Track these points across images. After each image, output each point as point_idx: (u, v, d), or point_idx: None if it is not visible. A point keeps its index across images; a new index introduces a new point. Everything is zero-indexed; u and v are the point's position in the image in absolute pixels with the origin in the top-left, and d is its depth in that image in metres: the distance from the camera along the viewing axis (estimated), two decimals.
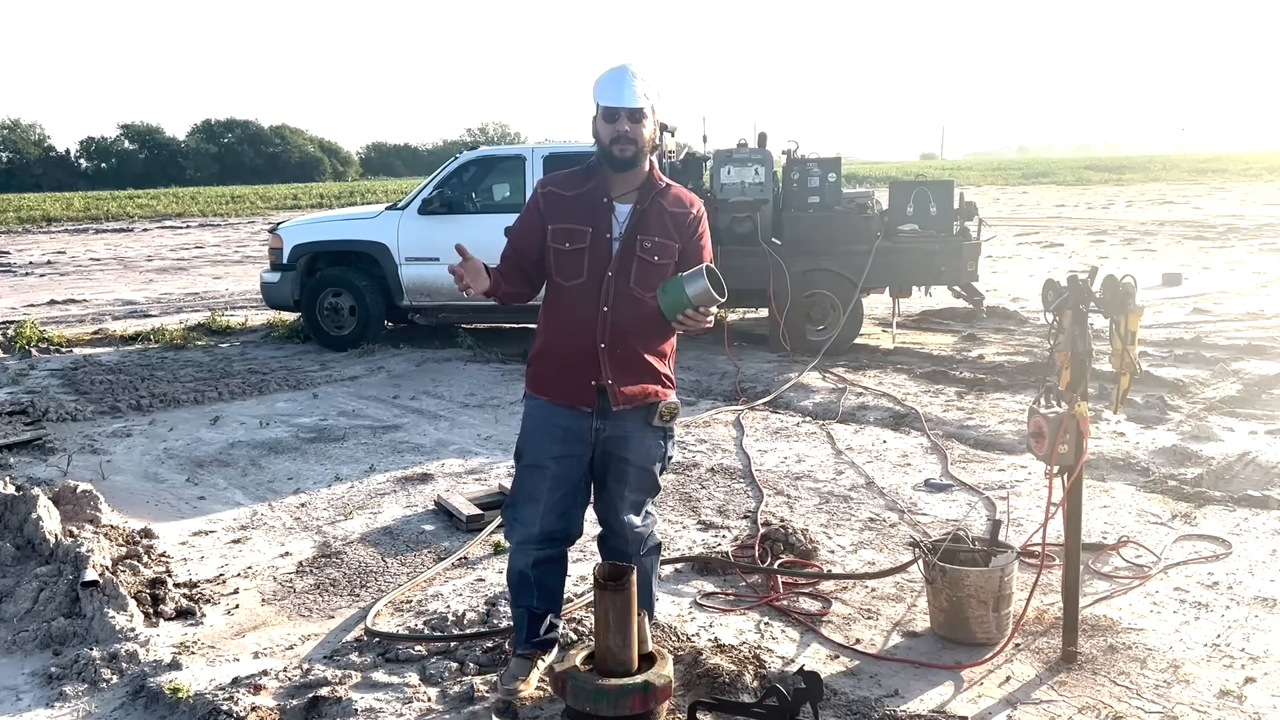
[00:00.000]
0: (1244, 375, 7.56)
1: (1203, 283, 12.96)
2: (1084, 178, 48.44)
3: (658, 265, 3.12)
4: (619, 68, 3.09)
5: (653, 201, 3.15)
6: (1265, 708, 3.17)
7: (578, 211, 3.15)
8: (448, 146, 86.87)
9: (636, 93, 3.05)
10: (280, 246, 9.96)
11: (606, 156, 3.11)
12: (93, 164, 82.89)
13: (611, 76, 3.09)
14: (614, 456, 3.22)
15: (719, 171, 9.22)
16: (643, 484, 3.27)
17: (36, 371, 8.99)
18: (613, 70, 3.10)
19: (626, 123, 3.05)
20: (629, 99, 3.04)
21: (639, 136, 3.07)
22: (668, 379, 3.26)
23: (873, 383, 7.88)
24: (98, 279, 17.17)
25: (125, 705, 3.34)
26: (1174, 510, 4.91)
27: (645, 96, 3.07)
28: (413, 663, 3.57)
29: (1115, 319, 3.38)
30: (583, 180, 3.19)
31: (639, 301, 3.11)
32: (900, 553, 4.49)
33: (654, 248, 3.12)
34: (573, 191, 3.18)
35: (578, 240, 3.12)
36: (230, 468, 6.05)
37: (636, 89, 3.05)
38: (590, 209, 3.14)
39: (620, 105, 3.04)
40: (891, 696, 3.29)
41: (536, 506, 3.22)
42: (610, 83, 3.07)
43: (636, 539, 3.32)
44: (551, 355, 3.21)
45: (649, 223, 3.13)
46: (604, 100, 3.07)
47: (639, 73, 3.08)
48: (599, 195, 3.15)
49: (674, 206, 3.18)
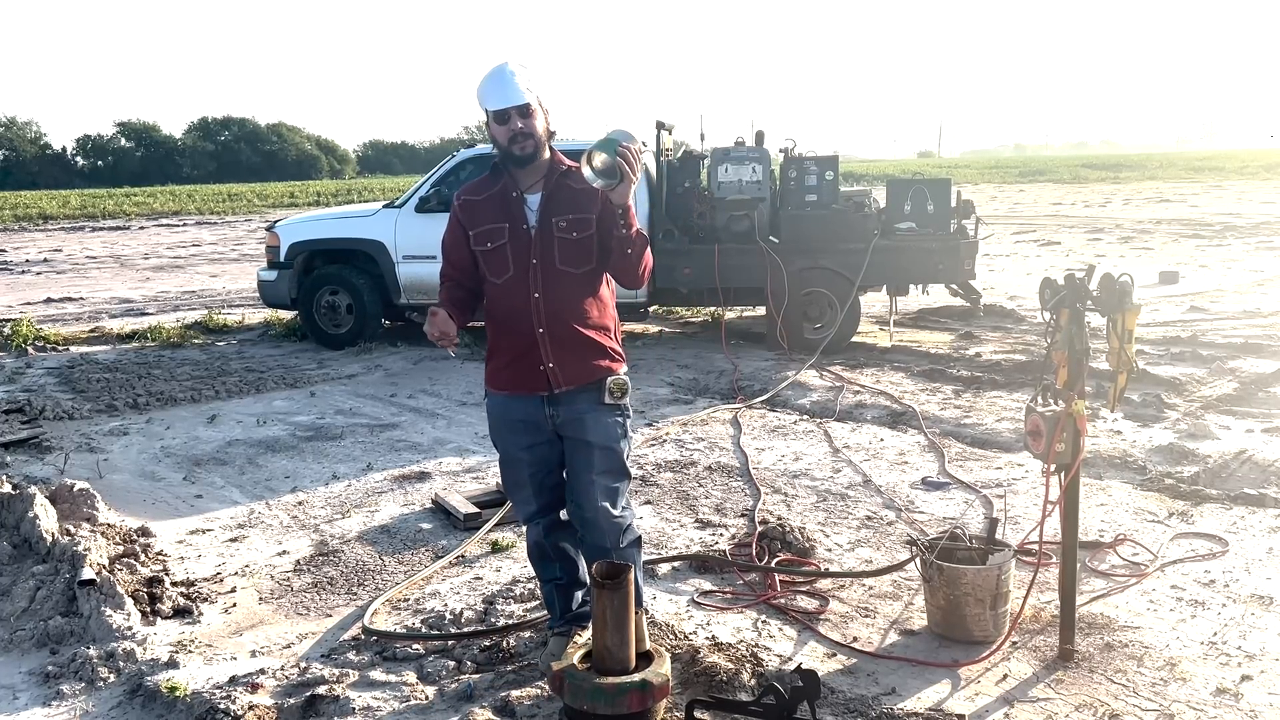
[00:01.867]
0: (1241, 373, 7.57)
1: (1200, 281, 12.97)
2: (1081, 176, 48.47)
3: (578, 240, 3.22)
4: (497, 69, 3.15)
5: (558, 184, 3.23)
6: (1261, 705, 3.17)
7: (492, 212, 3.25)
8: (445, 144, 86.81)
9: (520, 89, 3.12)
10: (277, 245, 9.95)
11: (508, 156, 3.21)
12: (89, 162, 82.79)
13: (493, 80, 3.14)
14: (574, 441, 3.29)
15: (716, 170, 9.22)
16: (608, 464, 3.28)
17: (33, 370, 8.98)
18: (492, 73, 3.16)
19: (518, 120, 3.13)
20: (514, 97, 3.11)
21: (534, 130, 3.15)
22: (614, 353, 3.33)
23: (870, 381, 7.88)
24: (94, 277, 17.14)
25: (123, 704, 3.34)
26: (1171, 508, 4.92)
27: (529, 90, 3.13)
28: (410, 661, 3.57)
29: (1112, 317, 3.38)
30: (492, 183, 3.29)
31: (569, 279, 3.22)
32: (897, 551, 4.49)
33: (569, 225, 3.21)
34: (484, 195, 3.28)
35: (497, 238, 3.22)
36: (227, 466, 6.05)
37: (519, 84, 3.12)
38: (503, 206, 3.24)
39: (508, 105, 3.11)
40: (889, 694, 3.30)
41: (526, 490, 3.39)
42: (493, 86, 3.13)
43: (614, 528, 3.30)
44: (499, 350, 3.33)
45: (559, 204, 3.22)
46: (491, 105, 3.13)
47: (517, 69, 3.15)
48: (509, 192, 3.24)
49: (580, 183, 3.17)
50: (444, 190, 9.48)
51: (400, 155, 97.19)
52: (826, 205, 9.15)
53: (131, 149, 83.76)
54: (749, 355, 9.04)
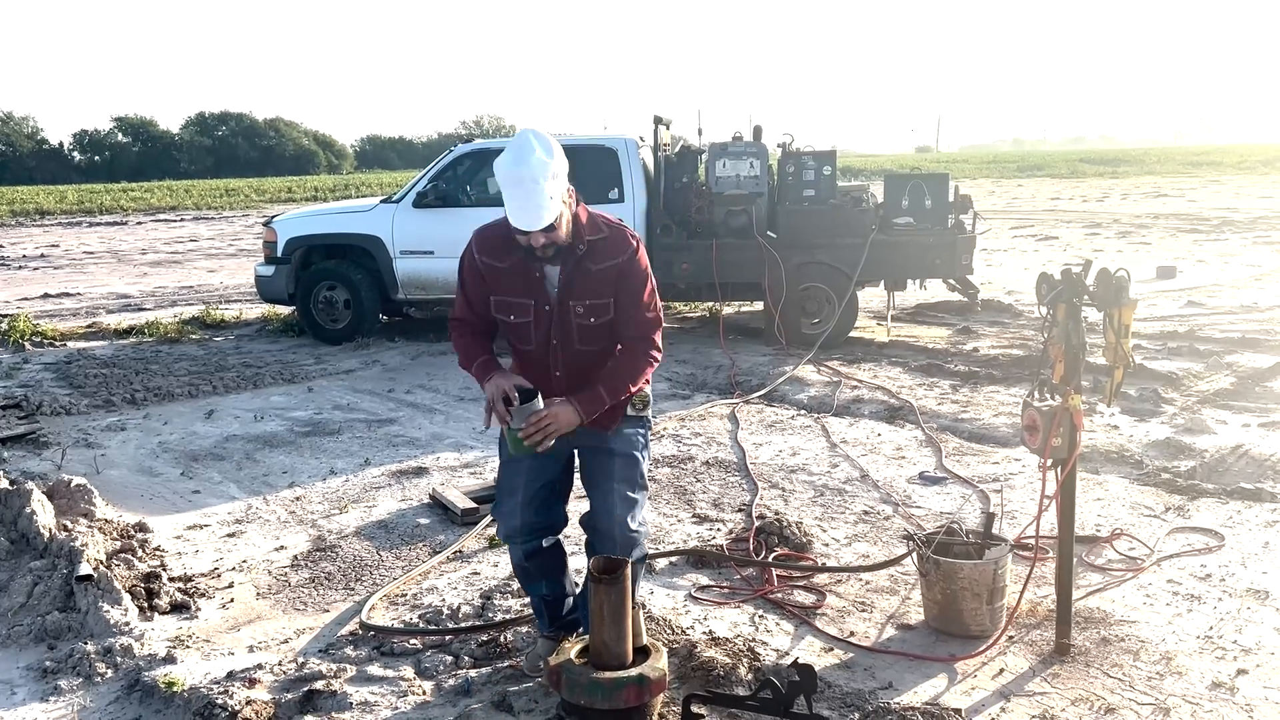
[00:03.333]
0: (1237, 368, 7.58)
1: (1197, 276, 12.98)
2: (1079, 170, 48.47)
3: (596, 325, 3.12)
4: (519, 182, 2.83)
5: (577, 266, 3.06)
6: (1257, 699, 3.18)
7: (515, 284, 3.10)
8: (442, 139, 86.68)
9: (546, 208, 2.85)
10: (275, 240, 9.94)
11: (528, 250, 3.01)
12: (86, 157, 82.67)
13: (516, 193, 2.85)
14: (594, 450, 3.24)
15: (714, 165, 9.21)
16: (627, 472, 3.21)
17: (30, 365, 8.97)
18: (514, 188, 2.85)
19: (542, 236, 2.93)
20: (539, 220, 2.86)
21: (556, 239, 2.96)
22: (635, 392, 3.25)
23: (867, 376, 7.89)
24: (91, 272, 17.12)
25: (120, 699, 3.34)
26: (1167, 503, 4.93)
27: (553, 200, 2.86)
28: (408, 656, 3.58)
29: (1109, 312, 3.38)
30: (512, 250, 3.05)
31: (587, 355, 3.16)
32: (894, 545, 4.50)
33: (587, 311, 3.09)
34: (506, 263, 3.09)
35: (521, 314, 3.12)
36: (225, 461, 6.05)
37: (545, 209, 2.85)
38: (525, 282, 3.08)
39: (531, 230, 2.89)
40: (885, 689, 3.31)
41: (516, 499, 3.25)
42: (517, 202, 2.86)
43: (628, 543, 3.18)
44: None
45: (575, 288, 3.07)
46: (513, 222, 2.90)
47: (541, 174, 2.83)
48: (530, 269, 3.06)
49: (600, 263, 3.06)
50: (441, 185, 9.48)
51: (398, 150, 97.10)
52: (824, 200, 9.15)
53: (129, 144, 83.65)
54: (746, 350, 9.04)
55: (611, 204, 9.12)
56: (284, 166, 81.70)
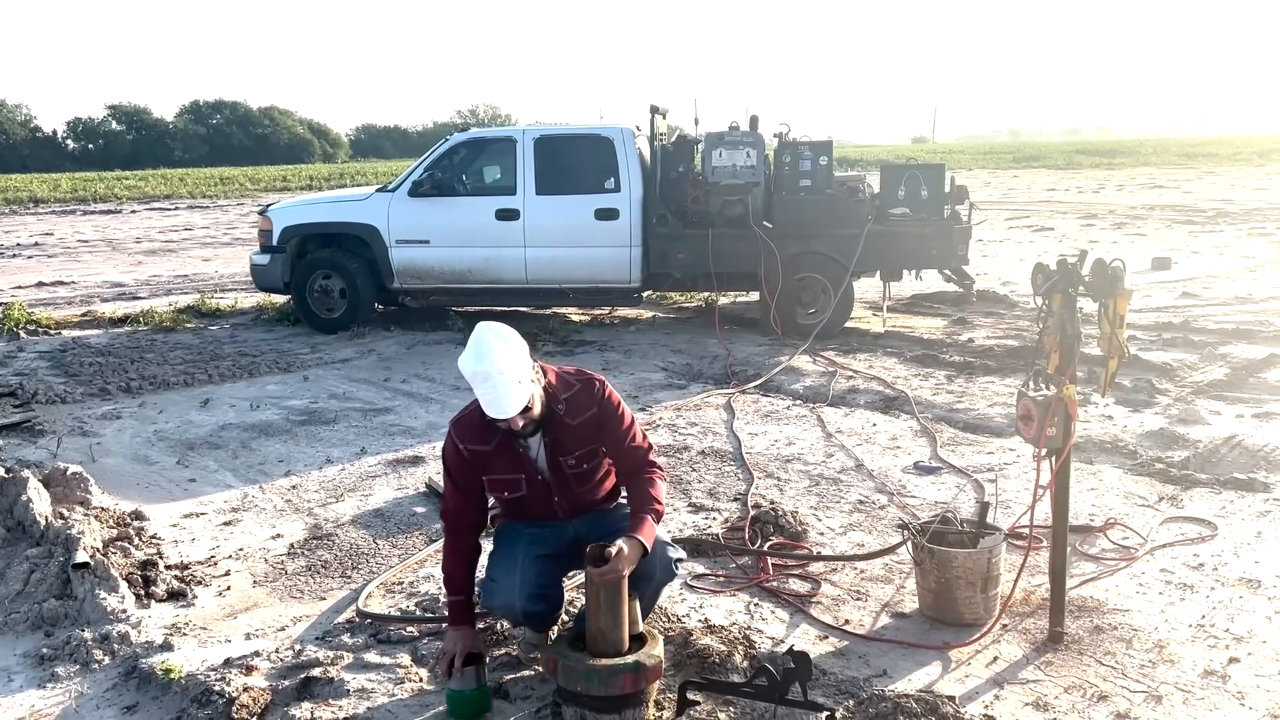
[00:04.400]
0: (1232, 359, 7.60)
1: (1192, 267, 13.00)
2: (1075, 162, 48.43)
3: (590, 469, 3.30)
4: (486, 378, 2.93)
5: (559, 426, 3.20)
6: (1249, 687, 3.21)
7: (504, 463, 3.23)
8: (438, 128, 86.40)
9: (516, 399, 2.96)
10: (270, 229, 9.91)
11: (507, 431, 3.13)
12: (80, 145, 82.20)
13: (485, 392, 2.95)
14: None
15: (710, 154, 9.20)
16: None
17: (25, 354, 8.95)
18: (482, 384, 2.95)
19: (520, 420, 3.05)
20: (512, 408, 2.97)
21: (532, 417, 3.09)
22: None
23: (863, 366, 7.90)
24: (86, 261, 17.07)
25: (118, 686, 3.35)
26: (1161, 493, 4.95)
27: (521, 385, 2.97)
28: (404, 644, 3.59)
29: (1104, 303, 3.40)
30: (492, 431, 3.16)
31: (589, 490, 3.34)
32: (889, 535, 4.52)
33: (578, 460, 3.26)
34: (491, 444, 3.19)
35: (515, 489, 3.26)
36: (221, 450, 6.05)
37: (516, 395, 2.95)
38: (513, 459, 3.23)
39: (509, 418, 3.00)
40: (880, 676, 3.33)
41: (514, 577, 3.24)
42: (489, 400, 2.96)
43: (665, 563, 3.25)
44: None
45: (561, 446, 3.23)
46: (490, 414, 3.00)
47: (505, 366, 2.93)
48: (514, 446, 3.21)
49: (576, 418, 3.21)
50: (437, 174, 9.45)
51: (393, 139, 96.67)
52: (820, 190, 9.14)
53: (122, 132, 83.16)
54: (742, 340, 9.05)
55: (608, 193, 9.12)
56: (279, 155, 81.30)
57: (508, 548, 3.33)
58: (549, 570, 3.30)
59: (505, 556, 3.30)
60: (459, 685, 3.10)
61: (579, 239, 9.16)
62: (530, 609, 3.26)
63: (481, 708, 3.12)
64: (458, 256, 9.37)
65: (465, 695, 3.10)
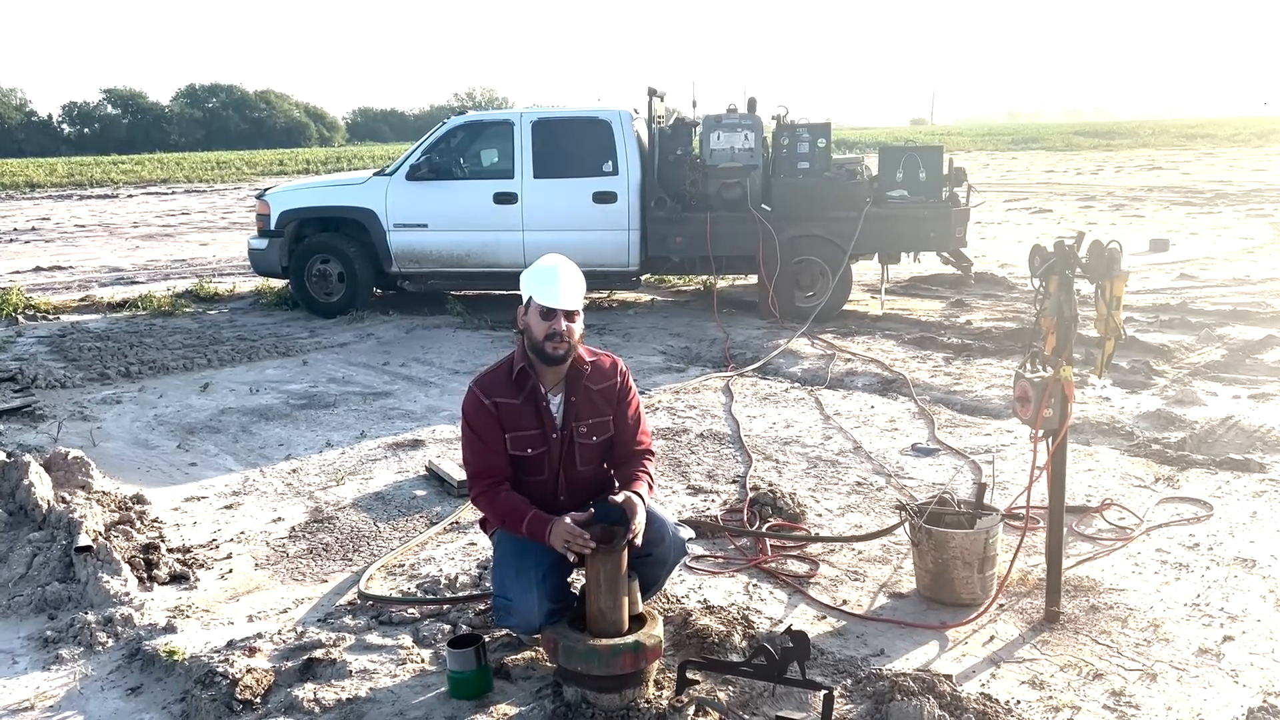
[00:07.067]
0: (1228, 340, 7.62)
1: (1190, 248, 13.00)
2: (1073, 143, 48.33)
3: (596, 444, 3.35)
4: (552, 267, 3.19)
5: (580, 387, 3.29)
6: (1243, 665, 3.24)
7: (528, 417, 3.26)
8: (435, 112, 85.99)
9: (576, 295, 3.18)
10: (268, 213, 9.90)
11: (538, 351, 3.21)
12: (76, 129, 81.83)
13: (548, 274, 3.17)
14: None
15: (708, 137, 9.19)
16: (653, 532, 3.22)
17: (24, 339, 8.96)
18: (548, 269, 3.19)
19: (563, 321, 3.16)
20: (570, 301, 3.16)
21: (572, 335, 3.20)
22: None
23: (861, 349, 7.92)
24: (83, 245, 17.03)
25: (121, 668, 3.37)
26: (1157, 473, 4.98)
27: (580, 288, 3.21)
28: (406, 625, 3.62)
29: (1101, 284, 3.41)
30: (519, 385, 3.26)
31: (588, 475, 3.37)
32: (887, 516, 4.54)
33: (590, 430, 3.32)
34: (519, 399, 3.25)
35: (537, 445, 3.28)
36: (221, 434, 6.06)
37: (576, 291, 3.19)
38: (536, 413, 3.27)
39: (560, 307, 3.14)
40: (878, 655, 3.35)
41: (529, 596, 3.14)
42: (549, 281, 3.16)
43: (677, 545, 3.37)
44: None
45: (581, 410, 3.30)
46: (543, 300, 3.15)
47: (574, 272, 3.20)
48: (538, 399, 3.26)
49: (599, 384, 3.33)
50: (434, 158, 9.43)
51: (390, 122, 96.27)
52: (819, 173, 9.14)
53: (118, 116, 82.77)
54: (740, 323, 9.06)
55: (605, 176, 9.11)
56: (275, 139, 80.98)
57: (516, 564, 3.20)
58: (559, 581, 3.26)
59: (517, 575, 3.17)
60: (459, 666, 3.12)
61: (577, 222, 9.15)
62: (548, 622, 3.17)
63: (483, 688, 3.14)
64: (456, 240, 9.36)
65: (466, 676, 3.12)
